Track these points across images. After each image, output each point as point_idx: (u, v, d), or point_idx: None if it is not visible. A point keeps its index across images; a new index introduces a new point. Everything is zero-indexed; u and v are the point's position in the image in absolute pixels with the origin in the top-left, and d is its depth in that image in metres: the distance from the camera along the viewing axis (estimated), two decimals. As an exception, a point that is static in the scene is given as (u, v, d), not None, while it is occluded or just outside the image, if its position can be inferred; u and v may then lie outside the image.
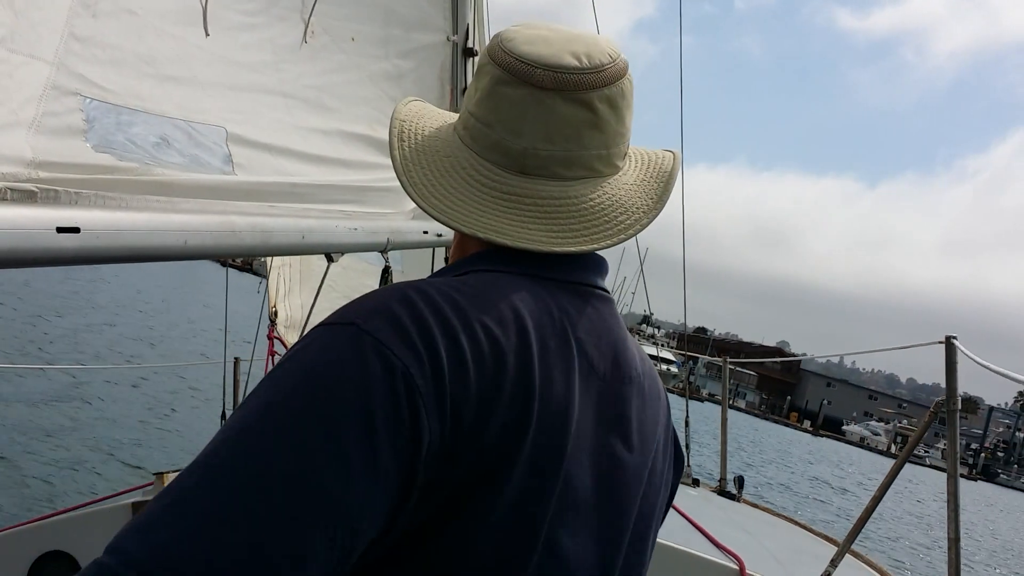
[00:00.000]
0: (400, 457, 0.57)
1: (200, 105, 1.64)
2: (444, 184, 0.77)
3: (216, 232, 1.50)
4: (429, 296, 0.64)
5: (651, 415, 0.80)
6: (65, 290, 18.91)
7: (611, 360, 0.75)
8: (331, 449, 0.54)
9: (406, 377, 0.58)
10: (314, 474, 0.53)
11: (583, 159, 0.76)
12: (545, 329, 0.69)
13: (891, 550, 14.69)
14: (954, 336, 2.51)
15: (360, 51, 2.21)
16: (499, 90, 0.75)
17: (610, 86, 0.75)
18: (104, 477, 7.22)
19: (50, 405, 9.29)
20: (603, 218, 0.76)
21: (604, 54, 0.76)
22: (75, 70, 1.35)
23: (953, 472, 2.48)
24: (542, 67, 0.74)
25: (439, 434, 0.59)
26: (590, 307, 0.75)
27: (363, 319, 0.61)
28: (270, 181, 1.81)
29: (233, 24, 1.76)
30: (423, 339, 0.60)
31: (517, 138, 0.75)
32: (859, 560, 3.28)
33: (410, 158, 0.79)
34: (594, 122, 0.75)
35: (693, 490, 4.06)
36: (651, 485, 0.80)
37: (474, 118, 0.78)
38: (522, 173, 0.75)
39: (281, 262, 4.25)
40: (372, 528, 0.57)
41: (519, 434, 0.63)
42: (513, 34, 0.78)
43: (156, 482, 2.99)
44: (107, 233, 1.25)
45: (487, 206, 0.75)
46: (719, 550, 2.57)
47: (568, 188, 0.76)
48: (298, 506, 0.52)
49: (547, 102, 0.74)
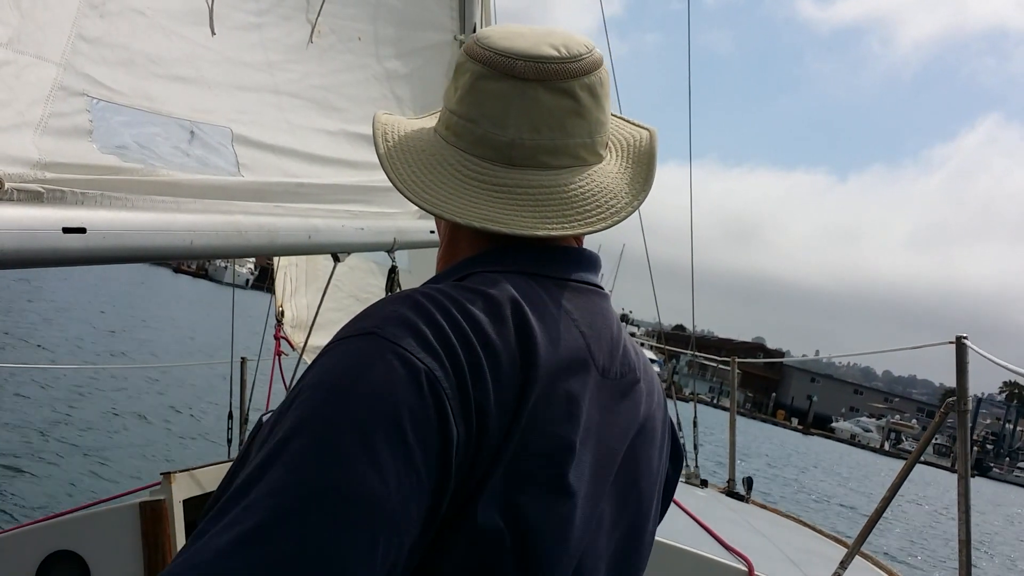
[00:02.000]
0: (431, 456, 0.57)
1: (206, 105, 1.64)
2: (433, 179, 0.77)
3: (222, 232, 1.50)
4: (440, 302, 0.65)
5: (650, 409, 0.81)
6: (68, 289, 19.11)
7: (613, 355, 0.76)
8: (367, 455, 0.55)
9: (431, 380, 0.59)
10: (356, 482, 0.54)
11: (569, 147, 0.77)
12: (549, 329, 0.69)
13: (896, 550, 14.60)
14: (965, 336, 2.49)
15: (367, 51, 2.21)
16: (481, 85, 0.76)
17: (590, 75, 0.77)
18: (112, 477, 7.25)
19: (58, 405, 9.34)
20: (594, 203, 0.77)
21: (581, 45, 0.78)
22: (82, 71, 1.34)
23: (964, 473, 2.46)
24: (523, 59, 0.75)
25: (465, 438, 0.60)
26: (590, 303, 0.76)
27: (380, 327, 0.61)
28: (276, 181, 1.81)
29: (239, 24, 1.76)
30: (442, 344, 0.61)
31: (503, 130, 0.75)
32: (869, 562, 3.26)
33: (397, 157, 0.80)
34: (577, 110, 0.76)
35: (702, 491, 4.04)
36: (648, 477, 0.80)
37: (456, 116, 0.78)
38: (510, 164, 0.76)
39: (287, 262, 4.25)
40: (416, 527, 0.57)
41: (530, 433, 0.64)
42: (490, 32, 0.79)
43: (163, 482, 2.99)
44: (113, 233, 1.25)
45: (479, 198, 0.75)
46: (728, 551, 2.55)
47: (557, 176, 0.77)
48: (346, 515, 0.53)
49: (530, 93, 0.75)
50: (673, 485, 0.92)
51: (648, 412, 0.80)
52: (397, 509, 0.55)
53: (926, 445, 2.82)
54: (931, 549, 16.43)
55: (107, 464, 7.69)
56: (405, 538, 0.56)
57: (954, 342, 2.51)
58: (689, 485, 4.09)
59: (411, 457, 0.56)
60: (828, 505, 19.40)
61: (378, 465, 0.55)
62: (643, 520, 0.81)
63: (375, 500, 0.54)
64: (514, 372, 0.64)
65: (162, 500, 2.76)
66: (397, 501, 0.55)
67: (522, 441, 0.64)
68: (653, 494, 0.82)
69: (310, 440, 0.55)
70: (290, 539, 0.51)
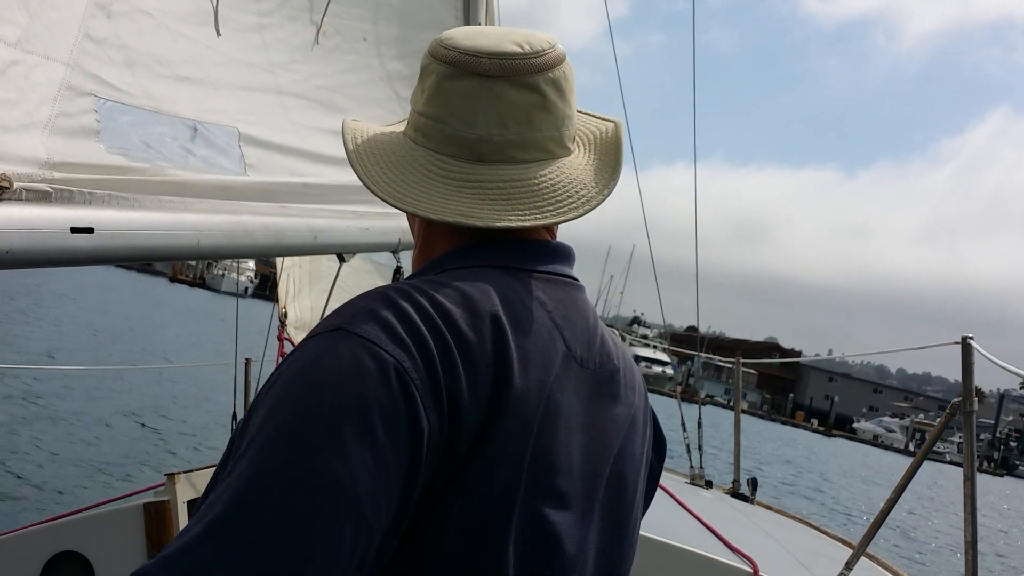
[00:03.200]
0: (400, 447, 0.58)
1: (213, 106, 1.64)
2: (405, 179, 0.78)
3: (229, 232, 1.50)
4: (410, 295, 0.66)
5: (630, 398, 0.82)
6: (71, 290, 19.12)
7: (590, 346, 0.77)
8: (335, 446, 0.56)
9: (399, 371, 0.60)
10: (321, 472, 0.55)
11: (537, 141, 0.78)
12: (522, 319, 0.70)
13: (905, 551, 14.47)
14: (971, 336, 2.48)
15: (371, 51, 2.21)
16: (447, 85, 0.77)
17: (553, 69, 0.78)
18: (116, 478, 7.26)
19: (63, 405, 9.35)
20: (564, 193, 0.78)
21: (543, 41, 0.79)
22: (89, 71, 1.35)
23: (970, 474, 2.45)
24: (487, 56, 0.76)
25: (438, 428, 0.61)
26: (564, 295, 0.77)
27: (349, 322, 0.63)
28: (282, 181, 1.81)
29: (245, 25, 1.76)
30: (411, 335, 0.62)
31: (471, 128, 0.76)
32: (874, 563, 3.25)
33: (368, 159, 0.81)
34: (543, 104, 0.77)
35: (706, 492, 4.03)
36: (631, 466, 0.81)
37: (424, 117, 0.80)
38: (480, 161, 0.77)
39: (291, 263, 4.25)
40: (386, 517, 0.58)
41: (504, 419, 0.65)
42: (452, 34, 0.81)
43: (168, 483, 3.00)
44: (121, 233, 1.26)
45: (451, 195, 0.76)
46: (733, 553, 2.55)
47: (526, 170, 0.78)
48: (311, 505, 0.54)
49: (496, 89, 0.76)
50: (657, 474, 0.93)
51: (629, 401, 0.81)
52: (364, 500, 0.56)
53: (932, 444, 2.81)
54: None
55: (111, 465, 7.71)
56: (375, 528, 0.57)
57: (959, 342, 2.50)
58: (694, 486, 4.09)
59: (379, 449, 0.57)
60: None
61: (345, 456, 0.56)
62: (627, 509, 0.81)
63: (341, 490, 0.55)
64: (487, 360, 0.65)
65: (166, 501, 2.77)
66: (365, 491, 0.56)
67: (501, 428, 0.65)
68: (637, 483, 0.83)
69: (276, 433, 0.57)
70: (253, 528, 0.52)
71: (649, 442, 0.87)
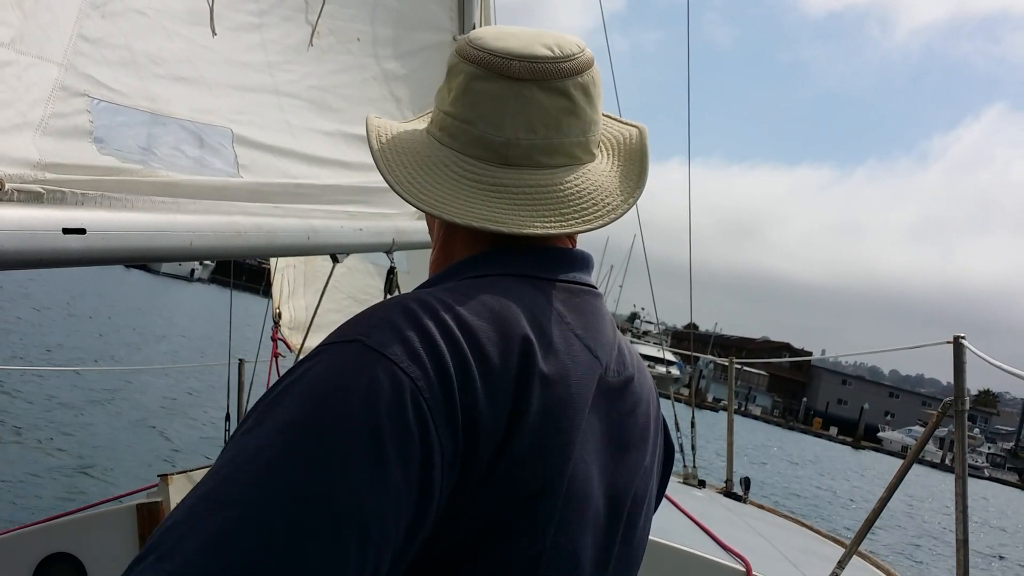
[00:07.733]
0: (411, 468, 0.57)
1: (207, 106, 1.64)
2: (430, 180, 0.77)
3: (221, 233, 1.50)
4: (431, 307, 0.64)
5: (645, 407, 0.81)
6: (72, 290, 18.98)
7: (609, 354, 0.76)
8: (343, 467, 0.54)
9: (412, 390, 0.58)
10: (329, 493, 0.54)
11: (564, 146, 0.77)
12: (546, 331, 0.69)
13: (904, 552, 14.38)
14: (962, 336, 2.50)
15: (366, 51, 2.21)
16: (476, 86, 0.76)
17: (583, 73, 0.77)
18: (108, 479, 7.23)
19: (55, 407, 9.30)
20: (590, 201, 0.78)
21: (573, 44, 0.78)
22: (83, 71, 1.34)
23: (962, 473, 2.47)
24: (517, 59, 0.75)
25: (452, 445, 0.60)
26: (584, 304, 0.76)
27: (367, 335, 0.61)
28: (275, 182, 1.81)
29: (239, 25, 1.76)
30: (429, 352, 0.61)
31: (499, 131, 0.76)
32: (866, 561, 3.27)
33: (392, 159, 0.80)
34: (571, 109, 0.77)
35: (699, 491, 4.05)
36: (643, 479, 0.81)
37: (451, 117, 0.78)
38: (506, 164, 0.76)
39: (285, 264, 4.24)
40: (396, 534, 0.57)
41: (525, 435, 0.64)
42: (482, 33, 0.80)
43: (161, 484, 2.99)
44: (113, 234, 1.25)
45: (475, 198, 0.75)
46: (726, 552, 2.55)
47: (552, 175, 0.77)
48: (316, 523, 0.52)
49: (525, 93, 0.75)
50: (665, 483, 0.92)
51: (643, 409, 0.81)
52: (372, 521, 0.54)
53: (922, 446, 2.83)
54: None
55: (104, 466, 7.67)
56: (384, 550, 0.56)
57: (951, 342, 2.51)
58: (687, 485, 4.10)
59: (388, 469, 0.56)
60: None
61: (352, 474, 0.54)
62: (638, 524, 0.81)
63: (348, 512, 0.54)
64: (509, 378, 0.64)
65: (159, 502, 2.76)
66: (373, 513, 0.54)
67: (524, 443, 0.63)
68: (647, 491, 0.83)
69: (285, 449, 0.55)
70: (256, 548, 0.51)
71: (660, 452, 0.87)
